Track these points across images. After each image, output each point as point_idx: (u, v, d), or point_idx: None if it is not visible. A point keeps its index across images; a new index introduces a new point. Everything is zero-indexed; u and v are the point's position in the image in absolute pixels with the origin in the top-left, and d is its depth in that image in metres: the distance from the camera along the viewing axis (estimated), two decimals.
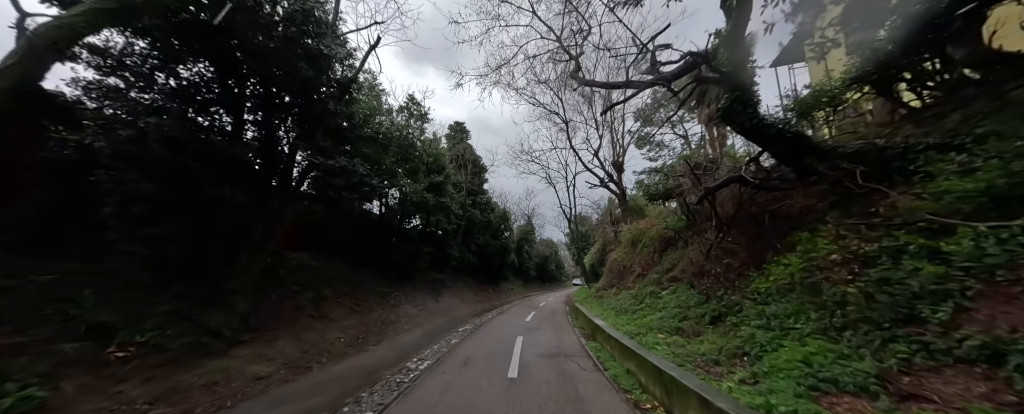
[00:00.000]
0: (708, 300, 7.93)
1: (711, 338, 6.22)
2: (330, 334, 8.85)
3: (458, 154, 26.09)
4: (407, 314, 14.39)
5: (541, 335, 10.57)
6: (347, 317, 10.51)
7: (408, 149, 14.95)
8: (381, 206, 15.48)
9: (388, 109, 14.74)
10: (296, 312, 8.67)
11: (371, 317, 11.69)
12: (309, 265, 11.23)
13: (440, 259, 21.08)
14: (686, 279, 9.69)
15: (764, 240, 7.71)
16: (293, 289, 9.19)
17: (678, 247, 13.36)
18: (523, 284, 46.12)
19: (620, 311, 11.34)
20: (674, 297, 9.47)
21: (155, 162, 5.50)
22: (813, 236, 5.65)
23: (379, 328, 11.01)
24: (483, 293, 28.79)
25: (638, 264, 15.26)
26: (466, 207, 24.03)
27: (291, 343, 7.48)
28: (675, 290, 10.24)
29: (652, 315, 9.07)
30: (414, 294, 17.51)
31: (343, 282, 12.22)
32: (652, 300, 10.68)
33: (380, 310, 12.91)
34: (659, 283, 12.03)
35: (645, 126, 26.60)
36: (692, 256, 10.18)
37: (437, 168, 18.06)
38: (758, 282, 6.55)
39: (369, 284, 14.13)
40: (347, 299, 11.52)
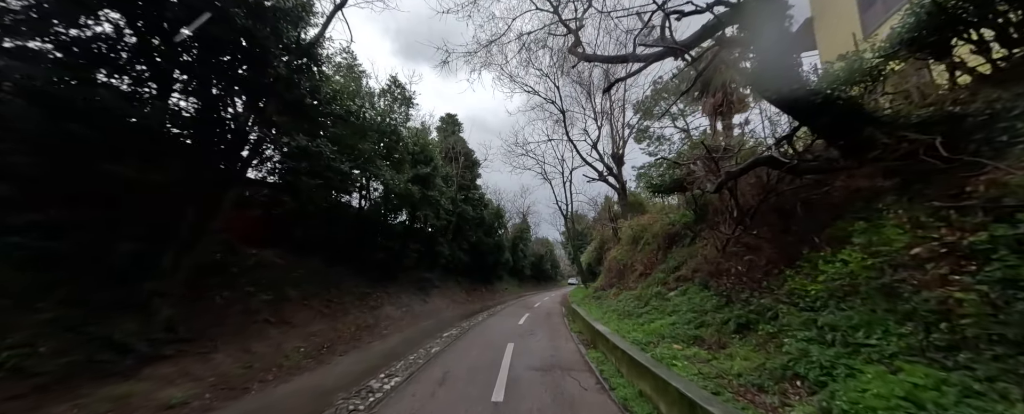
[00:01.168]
0: (729, 303, 6.79)
1: (742, 352, 5.06)
2: (288, 343, 7.60)
3: (449, 147, 24.83)
4: (388, 317, 13.14)
5: (535, 341, 9.38)
6: (314, 322, 9.24)
7: (390, 136, 13.70)
8: (361, 199, 14.23)
9: (368, 92, 13.46)
10: (247, 317, 7.40)
11: (344, 321, 10.42)
12: (272, 263, 9.94)
13: (428, 257, 19.83)
14: (699, 279, 8.55)
15: (796, 233, 6.58)
16: (247, 290, 7.93)
17: (684, 244, 12.24)
18: (518, 284, 44.97)
19: (623, 314, 10.18)
20: (685, 299, 8.33)
21: (21, 125, 4.23)
22: (875, 225, 4.50)
23: (351, 334, 9.76)
24: (475, 293, 27.57)
25: (640, 263, 14.13)
26: (457, 202, 22.78)
27: (233, 356, 6.22)
28: (685, 291, 9.10)
29: (661, 320, 7.92)
30: (399, 295, 16.25)
31: (314, 282, 10.94)
32: (659, 302, 9.53)
33: (356, 313, 11.64)
34: (665, 283, 10.88)
35: (645, 119, 25.51)
36: (705, 253, 9.04)
37: (424, 159, 16.80)
38: (795, 282, 5.41)
39: (346, 284, 12.85)
40: (317, 301, 10.25)
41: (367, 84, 13.46)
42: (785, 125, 10.99)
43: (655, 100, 25.74)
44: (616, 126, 18.81)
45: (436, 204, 18.35)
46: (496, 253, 32.08)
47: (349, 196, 14.20)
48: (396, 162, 14.75)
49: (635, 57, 8.35)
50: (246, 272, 8.50)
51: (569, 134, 19.07)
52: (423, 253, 19.37)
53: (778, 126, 11.20)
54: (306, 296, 9.94)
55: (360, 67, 13.45)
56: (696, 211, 12.40)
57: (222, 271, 7.78)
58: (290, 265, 10.63)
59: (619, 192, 18.52)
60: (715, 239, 8.68)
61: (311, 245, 12.29)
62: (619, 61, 8.51)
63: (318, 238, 12.42)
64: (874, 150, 4.73)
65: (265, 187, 9.30)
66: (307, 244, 12.12)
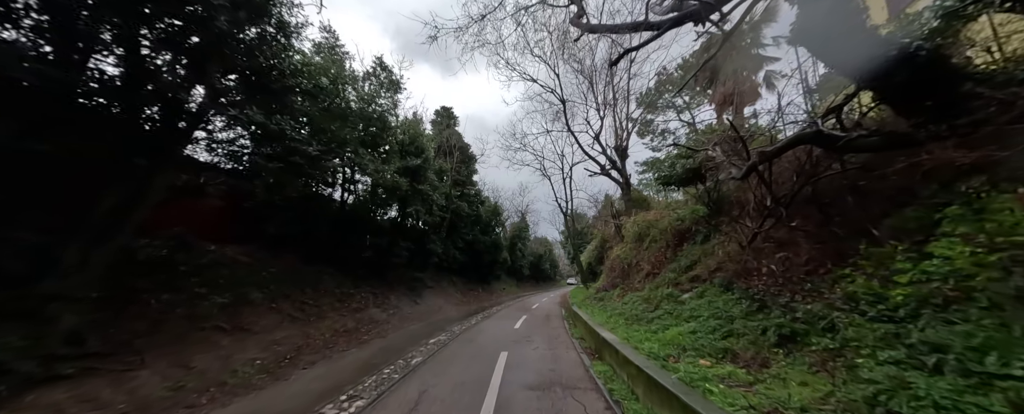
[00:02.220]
0: (763, 308, 5.70)
1: (795, 374, 3.96)
2: (242, 354, 6.48)
3: (444, 141, 23.71)
4: (372, 320, 12.03)
5: (531, 349, 8.29)
6: (280, 328, 8.13)
7: (376, 124, 12.59)
8: (344, 192, 13.12)
9: (351, 75, 12.34)
10: (192, 324, 6.29)
11: (319, 326, 9.31)
12: (236, 261, 8.83)
13: (420, 256, 18.72)
14: (719, 279, 7.46)
15: (844, 224, 5.51)
16: (196, 292, 6.81)
17: (697, 241, 11.15)
18: (516, 284, 43.92)
19: (631, 319, 9.10)
20: (705, 303, 7.24)
21: None
22: (977, 209, 3.42)
23: (326, 341, 8.65)
24: (471, 293, 26.47)
25: (646, 261, 13.05)
26: (451, 198, 21.67)
27: (163, 373, 5.11)
28: (702, 293, 8.02)
29: (678, 327, 6.83)
30: (387, 296, 15.15)
31: (286, 282, 9.82)
32: (672, 306, 8.44)
33: (335, 316, 10.53)
34: (676, 284, 9.80)
35: (648, 111, 24.44)
36: (727, 250, 7.95)
37: (415, 151, 15.68)
38: (857, 284, 4.33)
39: (326, 285, 11.74)
40: (287, 304, 9.13)
41: (350, 67, 12.37)
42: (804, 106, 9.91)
43: (659, 92, 24.69)
44: (619, 117, 17.75)
45: (428, 199, 17.25)
46: (493, 252, 30.98)
47: (330, 188, 13.08)
48: (383, 152, 13.64)
49: (647, 25, 7.26)
50: (199, 271, 7.38)
51: (570, 126, 18.02)
52: (414, 251, 18.25)
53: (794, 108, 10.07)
54: (274, 298, 8.82)
55: (343, 48, 12.35)
56: (710, 204, 11.32)
57: (165, 269, 6.67)
58: (259, 263, 9.51)
59: (622, 187, 17.43)
60: (738, 234, 7.59)
61: (286, 242, 11.18)
62: (629, 30, 7.42)
63: (294, 234, 11.30)
64: (967, 114, 3.63)
65: (221, 173, 8.17)
66: (282, 241, 11.00)
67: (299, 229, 11.25)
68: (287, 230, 10.81)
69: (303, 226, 11.43)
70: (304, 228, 11.54)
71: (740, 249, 7.33)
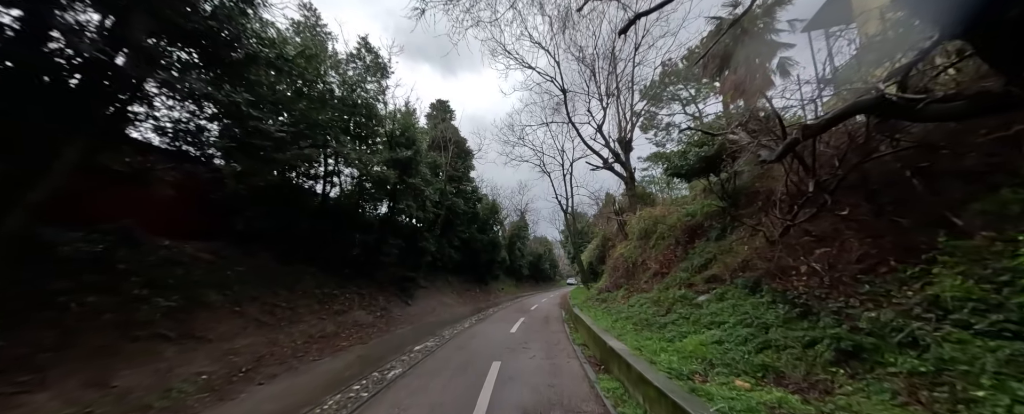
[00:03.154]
0: (806, 315, 4.72)
1: (876, 408, 2.98)
2: (188, 366, 5.50)
3: (439, 134, 22.72)
4: (356, 323, 11.05)
5: (528, 358, 7.31)
6: (242, 334, 7.14)
7: (361, 111, 11.61)
8: (326, 184, 12.13)
9: (333, 56, 11.35)
10: (125, 332, 5.30)
11: (291, 331, 8.33)
12: (196, 258, 7.85)
13: (413, 254, 17.72)
14: (744, 279, 6.48)
15: (912, 212, 4.52)
16: (135, 294, 5.82)
17: (710, 237, 10.16)
18: (515, 284, 42.97)
19: (641, 324, 8.12)
20: (728, 306, 6.26)
21: None
22: None
23: (296, 349, 7.67)
24: (468, 294, 25.49)
25: (654, 260, 12.08)
26: (446, 194, 20.69)
27: (71, 393, 4.13)
28: (722, 295, 7.03)
29: (698, 335, 5.85)
30: (374, 296, 14.16)
31: (256, 282, 8.84)
32: (687, 309, 7.46)
33: (313, 320, 9.54)
34: (690, 285, 8.82)
35: (652, 104, 23.47)
36: (752, 245, 6.96)
37: (405, 141, 14.68)
38: (948, 285, 3.36)
39: (305, 285, 10.76)
40: (254, 307, 8.15)
41: (333, 48, 11.39)
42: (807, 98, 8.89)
43: (664, 84, 23.71)
44: (623, 108, 16.75)
45: (420, 194, 16.26)
46: (491, 251, 30.00)
47: (311, 181, 12.09)
48: (370, 142, 12.66)
49: None
50: (144, 270, 6.39)
51: (570, 117, 17.03)
52: (406, 250, 17.27)
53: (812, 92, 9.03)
54: (239, 300, 7.84)
55: (325, 28, 11.35)
56: (725, 197, 10.34)
57: (98, 268, 5.68)
58: (224, 262, 8.52)
59: (626, 181, 16.45)
60: (767, 228, 6.60)
61: (260, 238, 10.19)
62: None
63: (268, 230, 10.30)
64: None
65: (177, 158, 7.16)
66: (254, 237, 10.01)
67: (273, 224, 10.25)
68: (259, 225, 9.81)
69: (278, 221, 10.43)
70: (280, 223, 10.55)
71: (768, 245, 6.35)
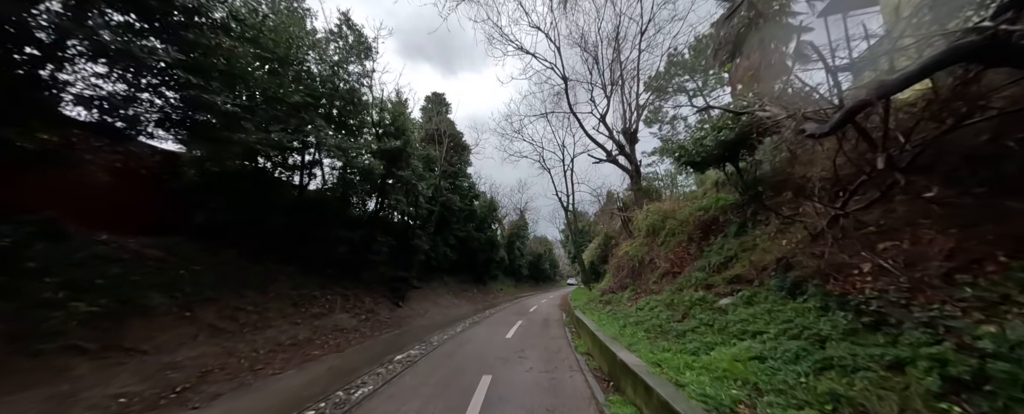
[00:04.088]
0: (881, 326, 3.67)
1: None
2: (105, 387, 4.48)
3: (434, 128, 21.69)
4: (337, 328, 10.02)
5: (523, 371, 6.28)
6: (191, 344, 6.12)
7: (343, 96, 10.58)
8: (303, 174, 11.09)
9: (313, 35, 10.32)
10: (21, 346, 4.27)
11: (254, 339, 7.30)
12: (141, 255, 6.82)
13: (404, 253, 16.71)
14: (779, 279, 5.47)
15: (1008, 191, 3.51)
16: (45, 298, 4.79)
17: (729, 233, 9.11)
18: (514, 284, 41.97)
19: (654, 331, 7.08)
20: (761, 312, 5.23)
21: None
22: None
23: (256, 360, 6.65)
24: (464, 295, 24.47)
25: (664, 259, 11.04)
26: (441, 190, 19.67)
27: None
28: (750, 298, 5.99)
29: (728, 347, 4.82)
30: (361, 298, 13.14)
31: (217, 283, 7.83)
32: (709, 315, 6.42)
33: (284, 325, 8.52)
34: (708, 286, 7.77)
35: (658, 96, 22.43)
36: (794, 239, 5.90)
37: (394, 131, 13.65)
38: None
39: (279, 285, 9.74)
40: (211, 311, 7.13)
41: (312, 26, 10.36)
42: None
43: (670, 76, 22.67)
44: (628, 97, 15.72)
45: (412, 188, 15.25)
46: (489, 250, 28.98)
47: (289, 171, 11.05)
48: (354, 130, 11.64)
49: None
50: (65, 269, 5.36)
51: (571, 106, 15.99)
52: (397, 248, 16.26)
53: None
54: (190, 304, 6.81)
55: (304, 3, 10.33)
56: (743, 189, 9.31)
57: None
58: (178, 259, 7.50)
59: (631, 175, 15.42)
60: (810, 218, 5.56)
61: (226, 233, 9.16)
62: None
63: (236, 224, 9.27)
64: None
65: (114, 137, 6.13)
66: (220, 232, 8.98)
67: (243, 218, 9.22)
68: (225, 219, 8.78)
69: (249, 215, 9.40)
70: (251, 217, 9.51)
71: (810, 239, 5.31)
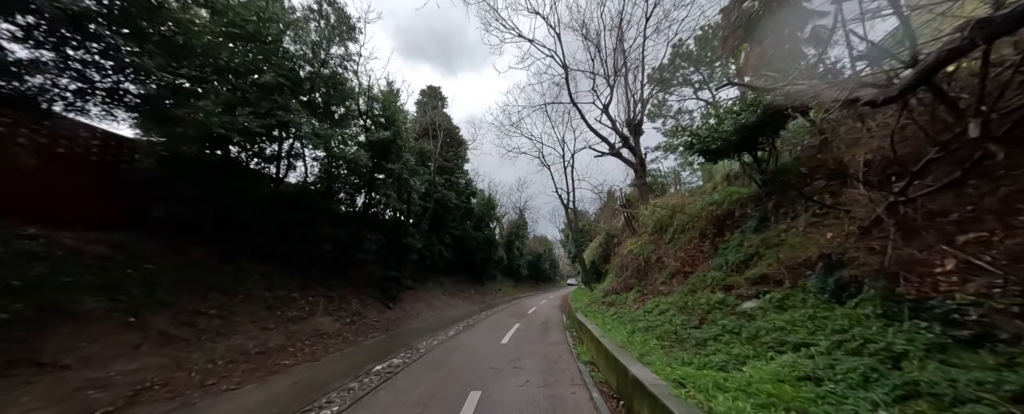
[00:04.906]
0: (983, 342, 2.80)
1: None
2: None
3: (429, 121, 20.82)
4: (317, 333, 9.17)
5: (518, 386, 5.43)
6: (129, 354, 5.26)
7: (322, 79, 9.72)
8: (279, 165, 10.20)
9: (289, 13, 9.44)
10: None
11: (213, 347, 6.44)
12: (79, 252, 5.96)
13: (395, 252, 15.84)
14: (822, 279, 4.62)
15: None
16: None
17: (747, 228, 8.23)
18: (513, 284, 41.11)
19: (668, 339, 6.20)
20: (802, 319, 4.37)
21: None
22: None
23: (211, 372, 5.78)
24: (461, 296, 23.60)
25: (673, 257, 10.17)
26: (436, 186, 18.81)
27: None
28: (781, 301, 5.14)
29: (767, 363, 3.96)
30: (347, 299, 12.28)
31: (176, 284, 6.98)
32: (732, 320, 5.56)
33: (253, 331, 7.66)
34: (727, 287, 6.88)
35: (662, 88, 21.56)
36: (840, 232, 5.02)
37: (384, 122, 12.79)
38: None
39: (253, 287, 8.90)
40: (164, 316, 6.26)
41: (290, 3, 9.51)
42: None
43: (675, 68, 21.82)
44: (632, 87, 14.86)
45: (403, 183, 14.38)
46: (486, 249, 28.10)
47: (267, 163, 10.17)
48: (338, 119, 10.78)
49: None
50: None
51: (574, 98, 15.12)
52: (389, 247, 15.40)
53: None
54: (136, 308, 5.95)
55: None
56: (763, 179, 8.46)
57: None
58: (129, 257, 6.63)
59: (636, 169, 14.56)
60: (860, 207, 4.68)
61: (193, 230, 8.31)
62: None
63: (204, 219, 8.42)
64: None
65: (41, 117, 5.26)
66: (185, 228, 8.13)
67: (210, 214, 8.35)
68: (190, 213, 7.91)
69: (218, 210, 8.53)
70: (221, 213, 8.65)
71: (861, 232, 4.45)
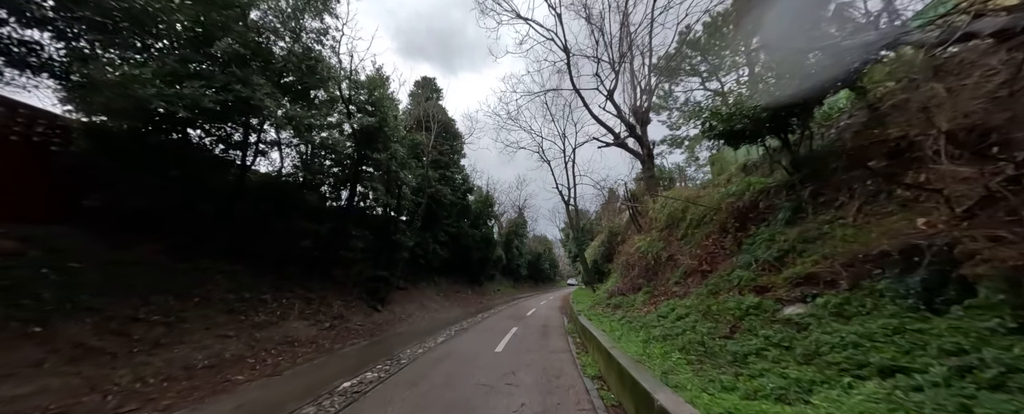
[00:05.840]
0: None
1: None
2: None
3: (423, 114, 19.76)
4: (287, 341, 8.12)
5: (511, 411, 4.37)
6: (24, 374, 4.23)
7: (294, 53, 8.68)
8: (246, 152, 9.11)
9: None
10: None
11: (148, 361, 5.39)
12: None
13: (386, 249, 14.79)
14: (899, 279, 3.58)
15: None
16: None
17: (776, 221, 7.18)
18: (512, 284, 40.11)
19: (695, 352, 5.13)
20: (882, 331, 3.30)
21: None
22: None
23: (134, 393, 4.75)
24: (457, 296, 22.56)
25: (689, 255, 9.11)
26: (429, 180, 17.75)
27: None
28: (839, 306, 4.06)
29: (852, 394, 2.90)
30: (329, 301, 11.24)
31: (111, 286, 5.94)
32: (776, 331, 4.49)
33: (207, 339, 6.60)
34: (761, 288, 5.84)
35: (669, 78, 20.48)
36: (924, 218, 3.96)
37: (367, 107, 11.74)
38: None
39: (212, 288, 7.84)
40: (83, 324, 5.21)
41: None
42: None
43: (681, 57, 20.74)
44: (639, 73, 13.80)
45: (393, 176, 13.33)
46: (484, 248, 27.05)
47: (231, 149, 9.09)
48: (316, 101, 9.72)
49: None
50: None
51: (574, 83, 14.06)
52: (378, 245, 14.34)
53: None
54: (44, 316, 4.89)
55: None
56: (794, 166, 7.40)
57: None
58: (46, 255, 5.58)
59: (643, 160, 13.51)
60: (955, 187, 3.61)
61: (144, 224, 7.26)
62: None
63: (157, 212, 7.36)
64: None
65: None
66: (132, 221, 7.08)
67: (156, 203, 7.27)
68: (136, 204, 6.84)
69: (174, 202, 7.46)
70: (178, 205, 7.58)
71: (958, 218, 3.39)
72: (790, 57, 7.45)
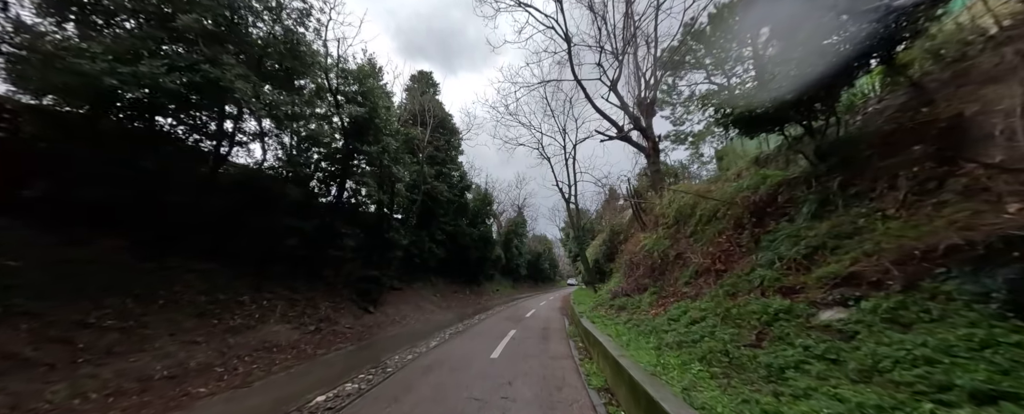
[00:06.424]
0: None
1: None
2: None
3: (418, 108, 19.09)
4: (264, 346, 7.46)
5: None
6: None
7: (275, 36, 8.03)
8: (221, 140, 8.44)
9: None
10: None
11: (96, 371, 4.75)
12: None
13: (378, 248, 14.13)
14: (974, 278, 2.95)
15: None
16: None
17: (799, 215, 6.53)
18: (512, 284, 39.44)
19: (720, 364, 4.46)
20: (963, 343, 2.66)
21: None
22: None
23: (69, 411, 4.07)
24: (454, 297, 21.88)
25: (701, 253, 8.46)
26: (425, 177, 17.08)
27: None
28: (891, 311, 3.40)
29: None
30: (316, 303, 10.58)
31: (56, 287, 5.29)
32: (815, 340, 3.82)
33: (170, 346, 5.94)
34: (789, 290, 5.18)
35: (673, 73, 19.82)
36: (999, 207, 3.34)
37: (356, 98, 11.07)
38: None
39: (183, 290, 7.18)
40: (16, 331, 4.57)
41: None
42: None
43: (685, 51, 20.10)
44: (643, 64, 13.16)
45: (385, 171, 12.68)
46: (483, 248, 26.37)
47: (207, 139, 8.42)
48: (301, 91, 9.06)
49: None
50: None
51: (576, 73, 13.41)
52: (370, 244, 13.68)
53: None
54: None
55: None
56: (818, 155, 6.75)
57: None
58: None
59: (648, 154, 12.86)
60: None
61: (104, 218, 6.59)
62: None
63: (122, 205, 6.69)
64: None
65: None
66: (90, 215, 6.41)
67: (117, 195, 6.61)
68: (93, 196, 6.18)
69: (129, 192, 6.80)
70: (135, 195, 6.91)
71: None
72: (814, 31, 6.80)
